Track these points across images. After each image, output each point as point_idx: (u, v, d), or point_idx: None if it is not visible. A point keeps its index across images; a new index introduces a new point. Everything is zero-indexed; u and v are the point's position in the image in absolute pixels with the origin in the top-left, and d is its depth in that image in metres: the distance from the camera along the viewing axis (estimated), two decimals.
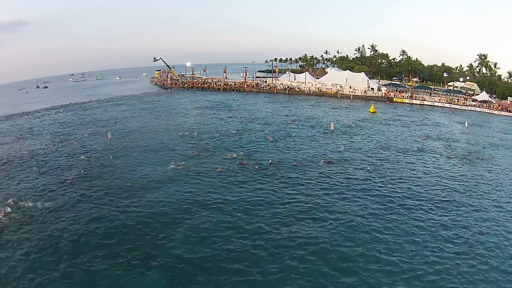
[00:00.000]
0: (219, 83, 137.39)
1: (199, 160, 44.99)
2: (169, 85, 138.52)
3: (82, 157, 46.53)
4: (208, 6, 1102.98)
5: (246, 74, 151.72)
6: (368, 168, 43.80)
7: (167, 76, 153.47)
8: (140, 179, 38.04)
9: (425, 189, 38.38)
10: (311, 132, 64.74)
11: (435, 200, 35.27)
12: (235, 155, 46.63)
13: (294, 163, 44.36)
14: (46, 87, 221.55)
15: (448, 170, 45.73)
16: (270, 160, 44.58)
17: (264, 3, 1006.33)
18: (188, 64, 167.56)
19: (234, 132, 61.63)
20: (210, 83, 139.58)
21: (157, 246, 25.06)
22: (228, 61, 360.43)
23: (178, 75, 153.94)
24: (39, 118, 79.43)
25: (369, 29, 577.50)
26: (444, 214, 32.28)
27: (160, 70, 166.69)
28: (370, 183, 39.06)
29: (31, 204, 31.88)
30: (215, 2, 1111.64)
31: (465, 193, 37.76)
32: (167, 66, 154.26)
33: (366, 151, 52.67)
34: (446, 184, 40.12)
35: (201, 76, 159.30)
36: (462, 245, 26.80)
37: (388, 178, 41.12)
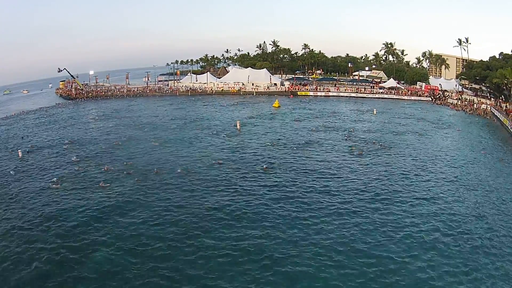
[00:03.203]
0: (122, 90, 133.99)
1: (80, 173, 41.61)
2: (74, 96, 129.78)
3: None
4: (96, 13, 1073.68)
5: (148, 79, 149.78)
6: (263, 166, 42.87)
7: (71, 86, 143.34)
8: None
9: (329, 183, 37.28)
10: (213, 133, 62.51)
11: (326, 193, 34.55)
12: (112, 168, 43.01)
13: (179, 170, 41.56)
14: None
15: (351, 162, 44.96)
16: (155, 169, 41.78)
17: (158, 5, 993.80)
18: (91, 72, 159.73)
19: (125, 139, 58.12)
20: (114, 90, 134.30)
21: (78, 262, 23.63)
22: (130, 66, 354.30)
23: (82, 84, 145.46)
24: None
25: (270, 26, 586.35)
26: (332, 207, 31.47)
27: (64, 81, 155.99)
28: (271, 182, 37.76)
29: None
30: (102, 9, 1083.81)
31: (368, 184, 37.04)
32: (71, 76, 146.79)
33: (270, 148, 51.93)
34: (354, 177, 39.07)
35: (103, 84, 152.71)
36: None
37: (287, 174, 40.18)
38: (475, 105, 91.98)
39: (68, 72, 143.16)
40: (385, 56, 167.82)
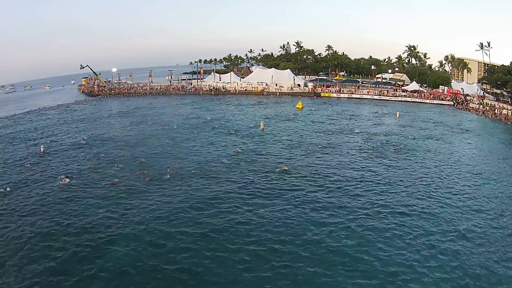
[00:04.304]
0: (145, 88, 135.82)
1: (92, 173, 41.17)
2: (96, 93, 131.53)
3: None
4: (119, 11, 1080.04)
5: (171, 77, 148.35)
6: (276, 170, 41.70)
7: (94, 83, 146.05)
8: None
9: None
10: (235, 132, 62.58)
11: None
12: (120, 167, 42.57)
13: (193, 171, 41.12)
14: None
15: (370, 165, 44.60)
16: (168, 169, 40.80)
17: (182, 4, 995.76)
18: (114, 69, 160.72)
19: (143, 137, 58.42)
20: (136, 88, 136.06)
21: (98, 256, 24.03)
22: (153, 64, 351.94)
23: (105, 82, 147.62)
24: None
25: (294, 26, 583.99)
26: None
27: (87, 78, 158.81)
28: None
29: None
30: (126, 8, 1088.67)
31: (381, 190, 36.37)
32: (94, 73, 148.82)
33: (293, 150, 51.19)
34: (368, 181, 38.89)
35: (126, 81, 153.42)
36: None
37: (305, 176, 39.66)
38: (496, 110, 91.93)
39: (91, 69, 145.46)
40: (408, 59, 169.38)
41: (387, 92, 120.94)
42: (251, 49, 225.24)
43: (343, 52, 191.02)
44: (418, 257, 24.10)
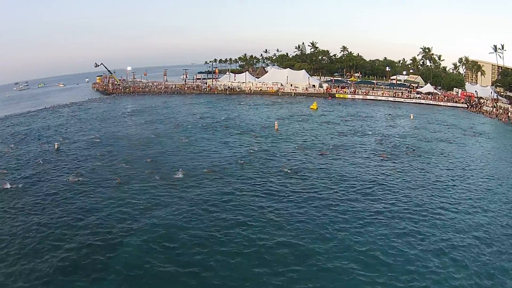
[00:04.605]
0: (160, 87, 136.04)
1: (104, 171, 41.00)
2: (111, 91, 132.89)
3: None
4: (134, 11, 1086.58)
5: (186, 76, 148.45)
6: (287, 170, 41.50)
7: (108, 81, 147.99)
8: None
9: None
10: (249, 132, 62.44)
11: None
12: (131, 165, 42.75)
13: (205, 170, 41.04)
14: None
15: (382, 167, 43.95)
16: (180, 169, 40.48)
17: (197, 3, 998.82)
18: (129, 68, 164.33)
19: (154, 136, 58.51)
20: (151, 86, 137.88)
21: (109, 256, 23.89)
22: (168, 63, 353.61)
23: (119, 80, 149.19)
24: None
25: (308, 26, 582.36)
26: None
27: (101, 76, 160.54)
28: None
29: None
30: (141, 7, 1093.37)
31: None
32: (108, 71, 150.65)
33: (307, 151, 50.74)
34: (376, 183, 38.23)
35: (141, 80, 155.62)
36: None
37: (316, 177, 39.33)
38: (509, 113, 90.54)
39: (105, 67, 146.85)
40: (422, 61, 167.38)
41: (402, 94, 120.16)
42: (266, 49, 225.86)
43: (358, 53, 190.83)
44: (430, 262, 23.61)
